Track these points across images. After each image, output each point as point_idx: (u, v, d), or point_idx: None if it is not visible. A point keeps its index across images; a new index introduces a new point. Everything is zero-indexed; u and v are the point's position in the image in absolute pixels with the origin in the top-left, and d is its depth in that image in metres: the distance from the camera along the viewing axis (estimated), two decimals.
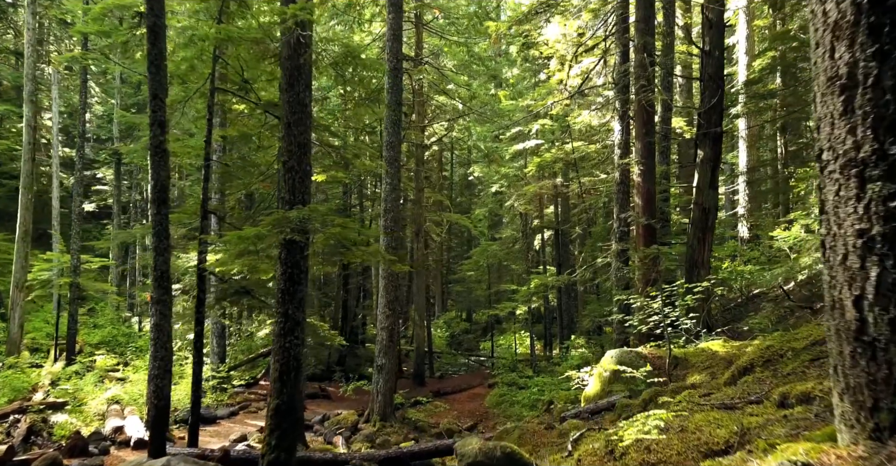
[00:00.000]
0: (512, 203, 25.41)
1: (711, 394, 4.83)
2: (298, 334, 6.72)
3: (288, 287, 6.70)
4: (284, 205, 6.76)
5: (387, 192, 14.25)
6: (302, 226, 6.45)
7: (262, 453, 6.44)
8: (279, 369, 6.56)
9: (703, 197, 12.01)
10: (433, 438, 13.82)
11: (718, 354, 7.86)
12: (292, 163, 6.85)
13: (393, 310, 14.15)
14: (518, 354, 26.48)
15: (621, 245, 12.74)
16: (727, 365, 7.31)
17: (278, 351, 6.62)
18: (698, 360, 7.91)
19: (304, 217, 6.40)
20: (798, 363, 4.87)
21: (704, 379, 7.05)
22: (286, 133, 6.91)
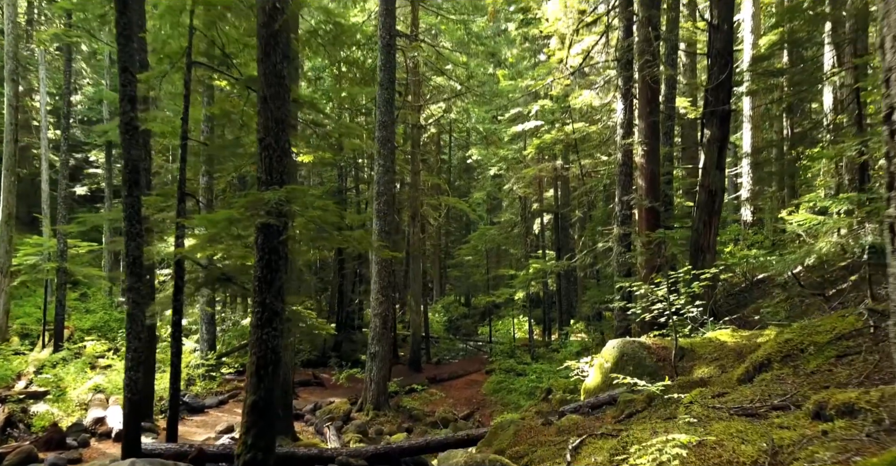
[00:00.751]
0: (511, 186, 24.86)
1: (726, 394, 4.36)
2: (277, 325, 6.24)
3: (265, 274, 6.20)
4: (261, 186, 6.24)
5: (380, 175, 13.72)
6: (279, 208, 5.94)
7: (238, 452, 5.99)
8: (256, 363, 6.09)
9: (710, 178, 11.47)
10: (428, 427, 13.46)
11: (727, 345, 7.40)
12: (269, 140, 6.32)
13: (387, 297, 13.69)
14: (517, 339, 26.12)
15: (623, 229, 12.24)
16: (737, 357, 6.86)
17: (255, 343, 6.14)
18: (705, 351, 7.44)
19: (281, 198, 5.88)
20: (822, 360, 4.39)
21: (713, 372, 6.59)
22: (262, 108, 6.36)
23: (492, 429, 7.04)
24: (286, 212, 5.93)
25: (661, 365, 7.53)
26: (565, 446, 5.36)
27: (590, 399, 7.31)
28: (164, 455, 7.50)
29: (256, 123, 6.45)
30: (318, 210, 6.05)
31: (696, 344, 7.73)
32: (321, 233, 6.50)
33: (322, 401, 14.99)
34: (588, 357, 9.43)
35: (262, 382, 6.09)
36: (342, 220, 6.48)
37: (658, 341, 7.97)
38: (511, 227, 27.53)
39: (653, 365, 7.54)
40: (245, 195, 6.24)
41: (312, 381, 17.36)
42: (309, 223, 6.33)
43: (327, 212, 6.22)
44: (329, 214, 6.19)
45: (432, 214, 26.91)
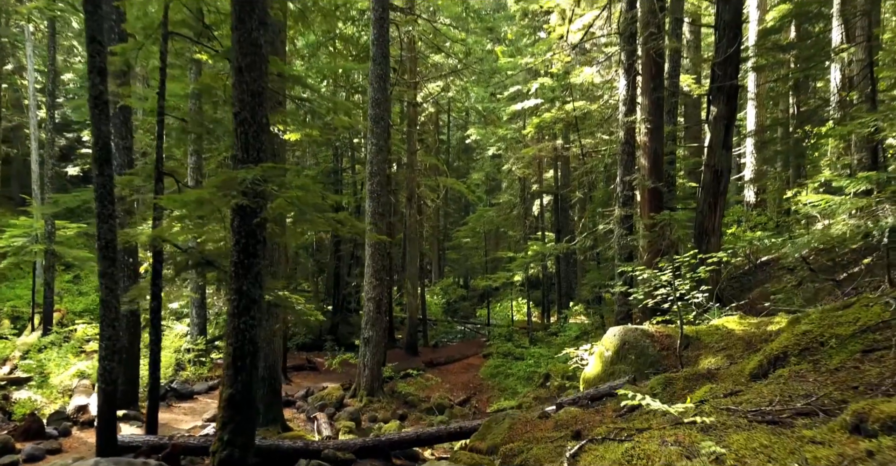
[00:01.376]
0: (510, 166, 24.36)
1: (739, 393, 3.95)
2: (255, 314, 5.82)
3: (242, 259, 5.76)
4: (237, 164, 5.78)
5: (372, 154, 13.22)
6: (254, 188, 5.48)
7: (214, 449, 5.61)
8: (232, 354, 5.68)
9: (716, 158, 11.00)
10: (423, 414, 13.15)
11: (735, 333, 7.00)
12: (245, 114, 5.84)
13: (380, 280, 13.29)
14: (515, 321, 25.82)
15: (625, 210, 11.78)
16: (746, 347, 6.46)
17: (231, 333, 5.73)
18: (712, 340, 7.04)
19: (256, 178, 5.43)
20: (846, 355, 3.98)
21: (721, 362, 6.19)
22: (237, 79, 5.87)
23: (486, 422, 6.67)
24: (263, 192, 5.48)
25: (664, 354, 7.15)
26: (563, 445, 4.97)
27: (589, 390, 6.94)
28: (141, 448, 7.14)
29: (231, 96, 5.96)
30: (298, 190, 5.59)
31: (702, 332, 7.33)
32: (303, 215, 6.04)
33: (315, 387, 14.66)
34: (588, 344, 9.06)
35: (240, 374, 5.70)
36: (324, 201, 6.02)
37: (661, 329, 7.57)
38: (510, 209, 27.06)
39: (656, 354, 7.15)
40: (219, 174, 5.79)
41: (306, 366, 17.04)
42: (290, 205, 5.87)
43: (308, 193, 5.76)
44: (309, 195, 5.73)
45: (430, 195, 26.41)
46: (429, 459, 7.78)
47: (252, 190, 5.48)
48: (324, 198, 5.98)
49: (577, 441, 4.94)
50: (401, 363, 18.48)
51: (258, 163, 5.73)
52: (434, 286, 33.92)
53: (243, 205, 5.62)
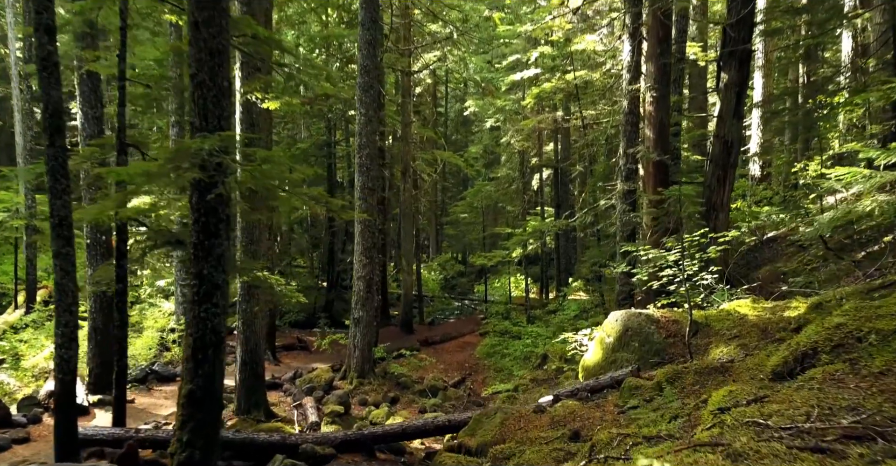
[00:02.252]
0: (508, 139, 23.59)
1: (766, 399, 3.36)
2: (218, 300, 5.22)
3: (202, 240, 5.14)
4: (195, 132, 5.12)
5: (362, 125, 12.50)
6: (212, 160, 4.83)
7: (172, 451, 5.07)
8: (192, 345, 5.10)
9: (726, 128, 10.31)
10: (416, 396, 12.68)
11: (748, 319, 6.42)
12: (203, 76, 5.15)
13: (371, 258, 12.69)
14: (513, 298, 25.34)
15: (628, 185, 11.14)
16: (762, 335, 5.88)
17: (192, 322, 5.14)
18: (723, 326, 6.47)
19: (213, 148, 4.77)
20: (891, 355, 3.38)
21: (734, 353, 5.62)
22: (193, 36, 5.17)
23: (476, 416, 6.13)
24: (221, 165, 4.83)
25: (670, 341, 6.58)
26: (560, 448, 4.42)
27: (589, 381, 6.38)
28: (105, 442, 6.63)
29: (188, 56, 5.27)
30: (262, 162, 4.94)
31: (712, 317, 6.75)
32: (269, 190, 5.40)
33: (305, 368, 14.19)
34: (587, 329, 8.50)
35: (201, 368, 5.12)
36: (292, 174, 5.36)
37: (667, 313, 6.99)
38: (509, 183, 26.36)
39: (661, 341, 6.58)
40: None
41: (297, 345, 16.55)
42: (253, 179, 5.23)
43: (276, 165, 5.11)
44: (276, 167, 5.08)
45: (426, 169, 25.69)
46: (415, 450, 7.28)
47: (208, 162, 4.83)
48: (291, 170, 5.32)
49: (576, 443, 4.40)
50: (395, 341, 18.02)
51: (219, 131, 5.07)
52: (432, 262, 33.37)
53: (200, 180, 4.97)
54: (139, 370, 11.56)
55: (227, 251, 5.32)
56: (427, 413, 11.47)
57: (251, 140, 9.49)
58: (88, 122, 10.04)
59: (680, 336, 6.58)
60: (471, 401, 12.61)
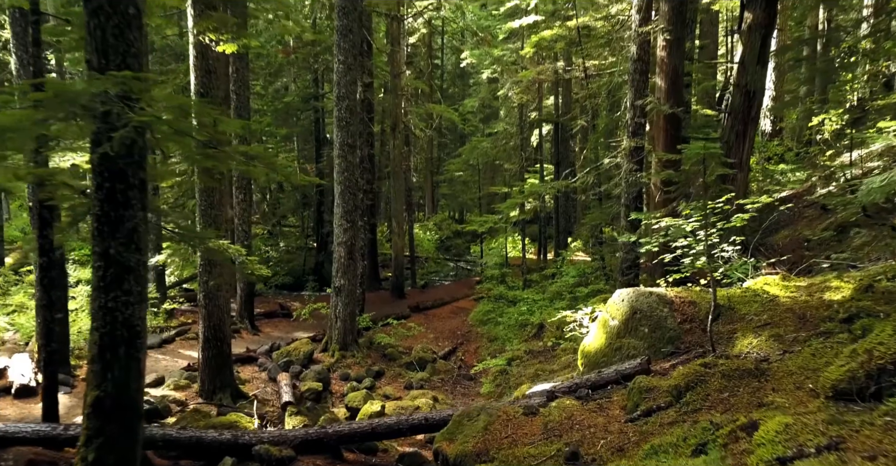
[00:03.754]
0: (506, 92, 22.16)
1: (842, 446, 2.38)
2: (131, 287, 4.19)
3: (107, 211, 4.08)
4: (92, 72, 3.99)
5: (340, 74, 11.25)
6: (112, 109, 3.72)
7: None
8: (99, 342, 4.11)
9: (748, 75, 9.11)
10: (402, 369, 11.85)
11: (779, 301, 5.41)
12: (101, 0, 3.99)
13: (352, 222, 11.64)
14: (510, 259, 24.42)
15: (635, 141, 9.98)
16: (799, 323, 4.89)
17: (98, 313, 4.13)
18: (750, 310, 5.47)
19: (109, 93, 3.66)
20: None
21: (768, 347, 4.63)
22: None
23: (457, 417, 5.19)
24: (109, 114, 3.71)
25: (686, 327, 5.59)
26: None
27: (590, 375, 5.42)
28: (27, 441, 5.72)
29: None
30: (171, 110, 3.83)
31: (735, 297, 5.74)
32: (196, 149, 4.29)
33: (285, 338, 13.32)
34: (588, 307, 7.50)
35: (111, 370, 4.13)
36: (218, 129, 4.25)
37: (682, 293, 5.98)
38: (506, 139, 25.02)
39: (675, 327, 5.59)
40: None
41: (278, 312, 15.66)
42: (183, 137, 4.12)
43: (186, 115, 3.99)
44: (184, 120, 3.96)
45: (419, 125, 24.37)
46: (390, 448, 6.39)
47: (101, 111, 3.72)
48: (215, 122, 4.20)
49: None
50: (385, 307, 17.16)
51: (125, 71, 3.92)
52: (427, 221, 32.32)
53: (99, 135, 3.87)
54: None
55: (141, 224, 4.26)
56: (413, 390, 10.65)
57: (207, 90, 8.32)
58: (24, 67, 8.82)
59: (697, 321, 5.59)
60: (461, 375, 11.78)
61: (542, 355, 11.23)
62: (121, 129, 3.56)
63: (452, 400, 10.18)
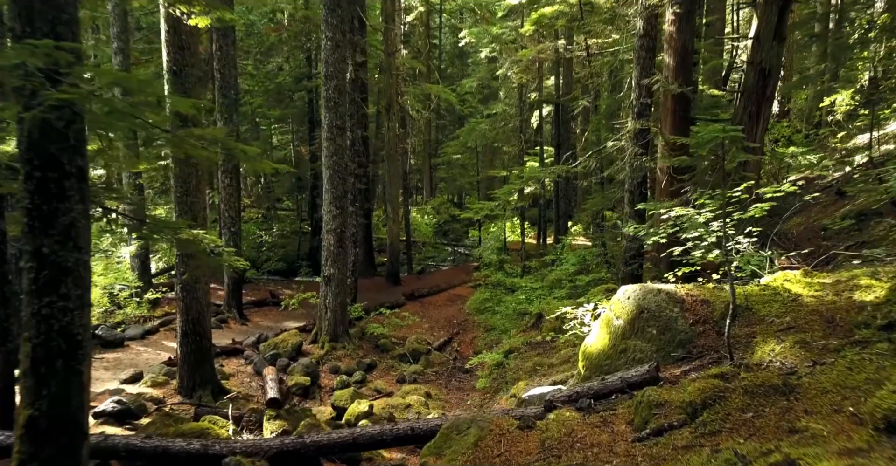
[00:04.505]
0: (505, 71, 21.43)
1: None
2: (69, 290, 3.66)
3: (38, 204, 3.54)
4: (16, 40, 3.42)
5: (328, 51, 10.62)
6: (21, 84, 3.16)
7: None
8: (32, 355, 3.59)
9: (763, 52, 8.49)
10: (395, 361, 11.39)
11: (803, 301, 4.89)
12: None
13: (342, 208, 11.09)
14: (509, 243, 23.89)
15: (640, 123, 9.39)
16: (828, 327, 4.37)
17: (31, 321, 3.61)
18: (770, 311, 4.94)
19: (28, 67, 3.09)
20: None
21: (793, 356, 4.11)
22: None
23: (444, 430, 4.70)
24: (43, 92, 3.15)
25: (699, 329, 5.07)
26: None
27: (591, 382, 4.91)
28: None
29: None
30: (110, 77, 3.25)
31: (753, 296, 5.22)
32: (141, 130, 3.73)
33: (275, 328, 12.85)
34: (590, 304, 6.97)
35: (46, 386, 3.62)
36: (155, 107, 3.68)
37: (694, 290, 5.45)
38: (506, 121, 24.35)
39: (687, 330, 5.07)
40: None
41: (269, 300, 15.16)
42: (122, 118, 3.55)
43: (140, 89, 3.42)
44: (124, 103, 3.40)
45: (416, 105, 23.68)
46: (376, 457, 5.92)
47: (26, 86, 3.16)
48: (158, 101, 3.64)
49: None
50: (379, 294, 16.69)
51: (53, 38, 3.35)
52: (425, 205, 31.70)
53: (23, 114, 3.31)
54: None
55: (80, 219, 3.72)
56: (405, 385, 10.19)
57: (181, 68, 7.72)
58: None
59: (711, 322, 5.07)
60: (456, 367, 11.33)
61: (540, 346, 10.75)
62: (35, 108, 2.99)
63: (446, 395, 9.73)
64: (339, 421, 7.26)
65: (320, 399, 9.51)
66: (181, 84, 7.66)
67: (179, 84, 7.66)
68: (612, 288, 10.72)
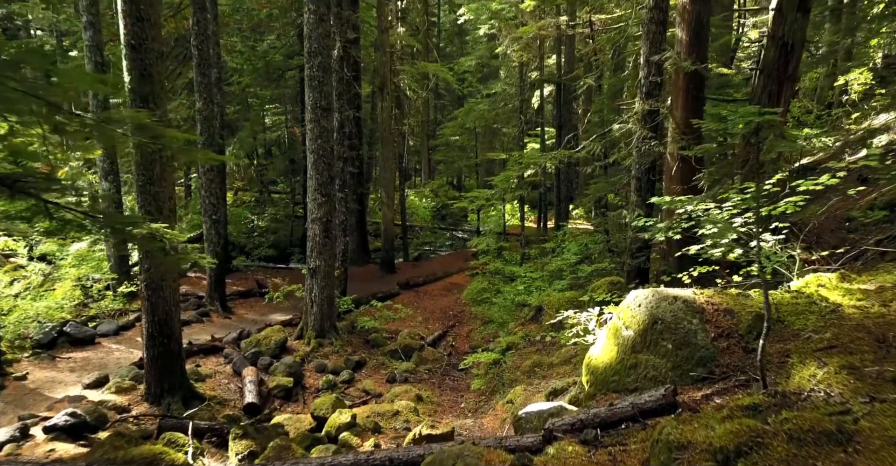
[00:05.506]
0: (505, 49, 20.52)
1: None
2: None
3: None
4: None
5: (311, 25, 9.80)
6: None
7: None
8: None
9: (786, 25, 7.70)
10: (386, 358, 10.75)
11: (844, 313, 4.19)
12: None
13: (328, 195, 10.35)
14: (508, 227, 23.20)
15: (649, 103, 8.61)
16: (879, 347, 3.67)
17: None
18: (806, 324, 4.24)
19: None
20: None
21: (841, 384, 3.41)
22: None
23: (428, 463, 4.03)
24: None
25: (723, 345, 4.37)
26: None
27: (598, 408, 4.22)
28: None
29: None
30: None
31: (784, 305, 4.52)
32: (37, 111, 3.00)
33: (259, 321, 12.19)
34: (594, 308, 6.26)
35: None
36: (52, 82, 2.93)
37: (715, 297, 4.74)
38: (505, 101, 23.44)
39: (708, 345, 4.37)
40: None
41: (255, 291, 14.49)
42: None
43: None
44: None
45: (412, 85, 22.81)
46: None
47: None
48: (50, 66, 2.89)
49: None
50: (372, 283, 16.03)
51: None
52: (424, 187, 30.90)
53: None
54: (44, 332, 9.51)
55: None
56: (395, 385, 9.56)
57: (140, 42, 6.94)
58: None
59: (736, 336, 4.37)
60: (450, 365, 10.69)
61: (539, 342, 10.11)
62: None
63: (439, 397, 9.10)
64: (317, 434, 6.62)
65: (303, 401, 8.88)
66: (140, 60, 6.89)
67: (138, 60, 6.89)
68: (616, 281, 10.03)
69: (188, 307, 12.45)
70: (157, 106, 7.10)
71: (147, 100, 7.00)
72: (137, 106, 7.02)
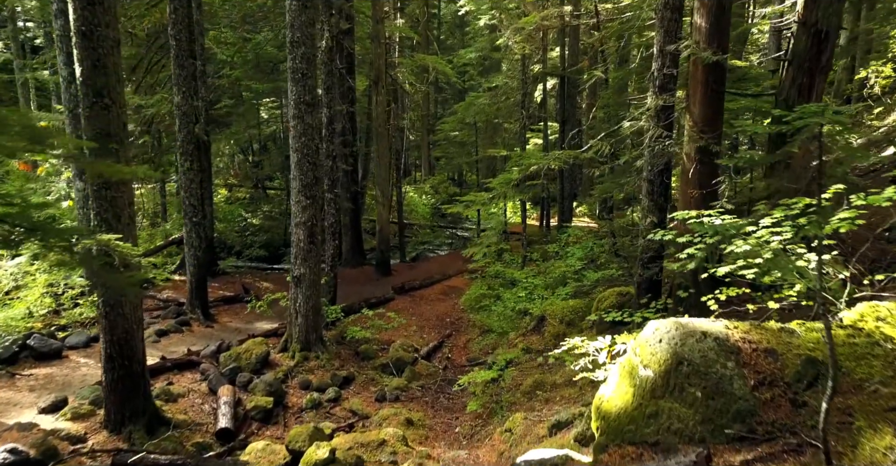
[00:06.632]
0: (506, 40, 19.66)
1: None
2: None
3: None
4: None
5: (293, 13, 8.99)
6: None
7: None
8: None
9: (819, 11, 6.91)
10: (377, 372, 10.00)
11: None
12: None
13: (313, 197, 9.57)
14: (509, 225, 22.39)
15: (664, 98, 7.81)
16: None
17: None
18: (870, 373, 3.46)
19: None
20: None
21: None
22: None
23: None
24: None
25: (765, 396, 3.59)
26: None
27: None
28: None
29: None
30: None
31: (838, 345, 3.73)
32: None
33: (243, 330, 11.44)
34: (605, 337, 5.46)
35: None
36: None
37: (752, 333, 3.96)
38: (507, 95, 22.58)
39: (748, 395, 3.59)
40: None
41: (241, 296, 13.71)
42: None
43: None
44: None
45: (410, 78, 21.97)
46: None
47: None
48: None
49: None
50: (365, 287, 15.28)
51: None
52: (423, 184, 30.09)
53: None
54: (3, 346, 8.76)
55: None
56: (385, 404, 8.83)
57: (92, 28, 6.16)
58: None
59: (782, 385, 3.59)
60: (445, 380, 9.93)
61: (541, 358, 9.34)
62: None
63: (432, 420, 8.35)
64: None
65: (284, 424, 8.15)
66: (92, 49, 6.11)
67: (90, 49, 6.11)
68: (625, 291, 9.26)
69: (167, 315, 11.71)
70: (113, 100, 6.33)
71: (101, 93, 6.23)
72: (91, 100, 6.26)
